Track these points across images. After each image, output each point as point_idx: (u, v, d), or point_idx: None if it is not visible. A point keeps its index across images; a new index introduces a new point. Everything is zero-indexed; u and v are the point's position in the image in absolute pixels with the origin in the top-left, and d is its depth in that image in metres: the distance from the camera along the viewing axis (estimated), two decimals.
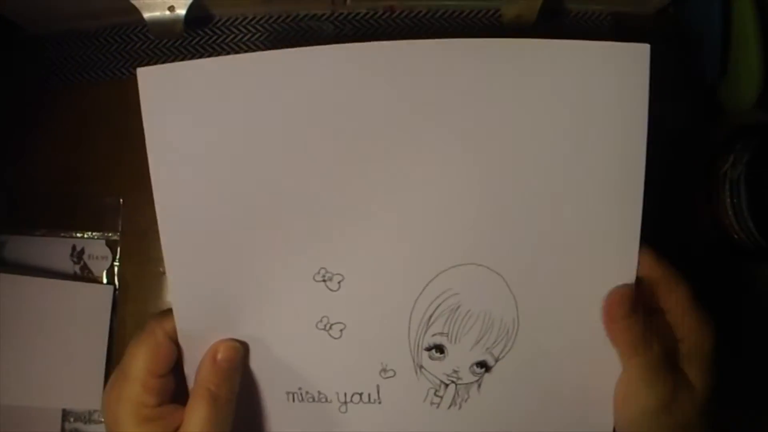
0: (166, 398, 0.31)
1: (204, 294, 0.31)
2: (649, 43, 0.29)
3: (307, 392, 0.33)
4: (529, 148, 0.30)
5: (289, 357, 0.32)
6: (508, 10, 0.43)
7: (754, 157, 0.41)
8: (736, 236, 0.43)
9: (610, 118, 0.30)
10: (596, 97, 0.30)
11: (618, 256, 0.31)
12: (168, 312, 0.32)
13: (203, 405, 0.30)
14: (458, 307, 0.32)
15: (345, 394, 0.33)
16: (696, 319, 0.31)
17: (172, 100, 0.29)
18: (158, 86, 0.29)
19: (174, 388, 0.32)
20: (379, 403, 0.33)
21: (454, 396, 0.33)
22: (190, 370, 0.32)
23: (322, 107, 0.29)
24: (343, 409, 0.33)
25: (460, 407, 0.33)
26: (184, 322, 0.31)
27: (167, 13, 0.41)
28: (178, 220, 0.30)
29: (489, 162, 0.30)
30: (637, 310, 0.31)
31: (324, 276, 0.31)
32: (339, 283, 0.31)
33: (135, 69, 0.43)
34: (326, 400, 0.33)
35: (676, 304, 0.31)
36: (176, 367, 0.32)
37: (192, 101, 0.29)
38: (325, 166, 0.30)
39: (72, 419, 0.41)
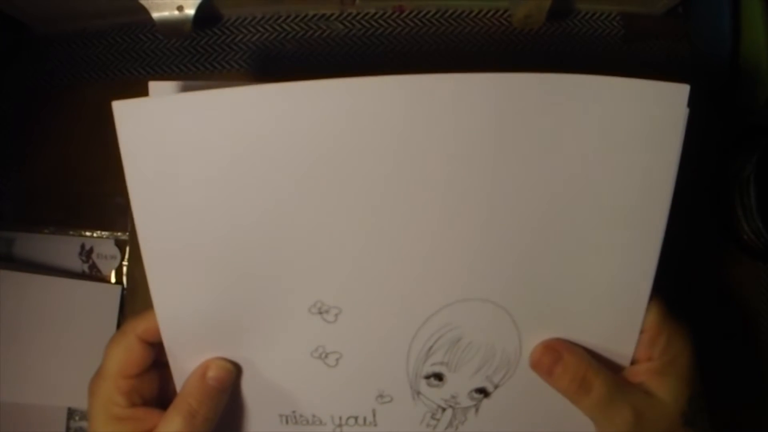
0: (139, 400, 0.31)
1: (190, 316, 0.30)
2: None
3: (300, 415, 0.32)
4: (546, 184, 0.29)
5: (283, 381, 0.32)
6: (518, 11, 0.43)
7: (763, 156, 0.41)
8: (745, 236, 0.43)
9: (638, 156, 0.29)
10: (624, 135, 0.28)
11: (626, 295, 0.31)
12: (145, 314, 0.31)
13: (178, 418, 0.29)
14: (459, 339, 0.31)
15: (340, 418, 0.33)
16: (670, 335, 0.31)
17: (151, 133, 0.27)
18: (136, 120, 0.27)
19: (154, 392, 0.32)
20: (375, 425, 0.33)
21: (451, 419, 0.33)
22: (179, 382, 0.31)
23: (320, 138, 0.28)
24: (337, 431, 0.33)
25: (456, 429, 0.33)
26: (169, 340, 0.30)
27: (176, 12, 0.41)
28: (161, 243, 0.29)
29: (499, 197, 0.29)
30: (560, 358, 0.30)
31: (320, 309, 0.30)
32: (336, 315, 0.30)
33: (144, 68, 0.44)
34: (320, 423, 0.33)
35: (650, 325, 0.31)
36: (161, 373, 0.32)
37: (173, 134, 0.27)
38: (324, 199, 0.28)
39: (77, 417, 0.41)
